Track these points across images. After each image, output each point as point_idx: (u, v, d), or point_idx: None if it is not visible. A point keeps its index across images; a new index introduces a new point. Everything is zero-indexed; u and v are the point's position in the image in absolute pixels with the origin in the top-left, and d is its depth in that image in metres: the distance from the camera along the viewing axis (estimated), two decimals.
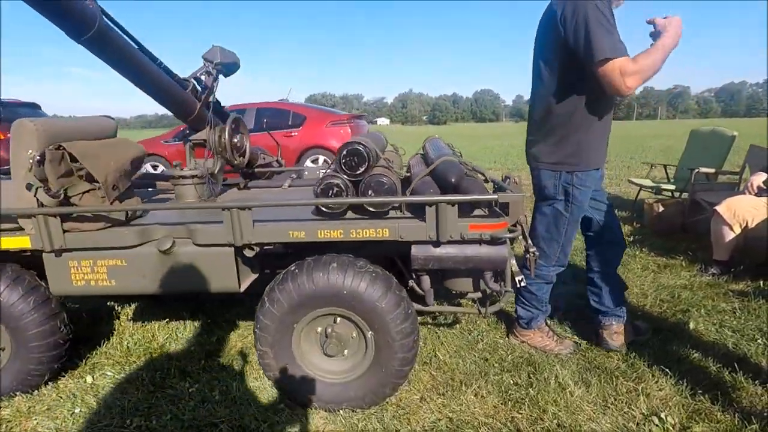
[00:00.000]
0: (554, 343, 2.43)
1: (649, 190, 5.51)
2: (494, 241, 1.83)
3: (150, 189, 3.31)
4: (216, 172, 2.92)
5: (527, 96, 2.53)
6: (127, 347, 2.60)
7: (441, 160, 2.04)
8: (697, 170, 4.66)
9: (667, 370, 2.15)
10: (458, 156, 3.11)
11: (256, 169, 3.64)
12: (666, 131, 28.12)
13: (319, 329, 2.00)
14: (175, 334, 2.74)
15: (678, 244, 4.20)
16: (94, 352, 2.57)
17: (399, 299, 1.90)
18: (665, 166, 5.83)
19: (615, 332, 2.35)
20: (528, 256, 2.05)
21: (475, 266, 1.87)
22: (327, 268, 1.88)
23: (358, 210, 1.96)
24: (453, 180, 1.85)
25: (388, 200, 1.81)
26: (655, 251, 4.02)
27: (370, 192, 1.89)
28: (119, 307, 3.15)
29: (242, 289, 2.05)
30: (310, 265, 1.92)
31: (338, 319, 1.97)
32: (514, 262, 2.05)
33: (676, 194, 5.24)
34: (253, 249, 1.96)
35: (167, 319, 2.90)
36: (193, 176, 2.66)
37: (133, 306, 3.19)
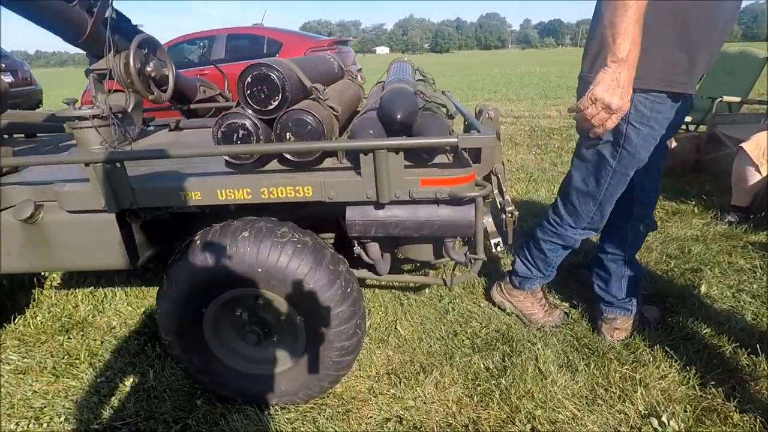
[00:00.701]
0: (543, 313, 2.02)
1: None
2: (457, 200, 1.35)
3: (53, 134, 2.76)
4: (130, 109, 2.39)
5: (535, 20, 1.92)
6: (40, 323, 2.22)
7: (388, 89, 1.51)
8: (720, 99, 4.05)
9: (672, 352, 1.76)
10: (428, 83, 2.55)
11: (196, 105, 3.08)
12: None
13: (239, 312, 1.59)
14: (101, 305, 2.35)
15: (690, 185, 3.71)
16: (3, 330, 2.20)
17: (334, 276, 1.47)
18: None
19: (617, 328, 1.89)
20: (504, 218, 1.58)
21: (432, 233, 1.41)
22: (235, 238, 1.43)
23: (283, 161, 1.46)
24: (399, 116, 1.33)
25: (299, 147, 1.30)
26: (664, 193, 3.54)
27: (288, 135, 1.38)
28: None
29: (139, 264, 1.61)
30: (215, 234, 1.46)
31: (261, 300, 1.55)
32: (489, 220, 1.59)
33: (691, 127, 4.66)
34: (139, 216, 1.50)
35: (93, 287, 2.51)
36: (94, 116, 2.13)
37: None
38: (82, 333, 2.14)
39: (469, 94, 11.31)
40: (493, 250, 1.60)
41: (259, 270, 1.42)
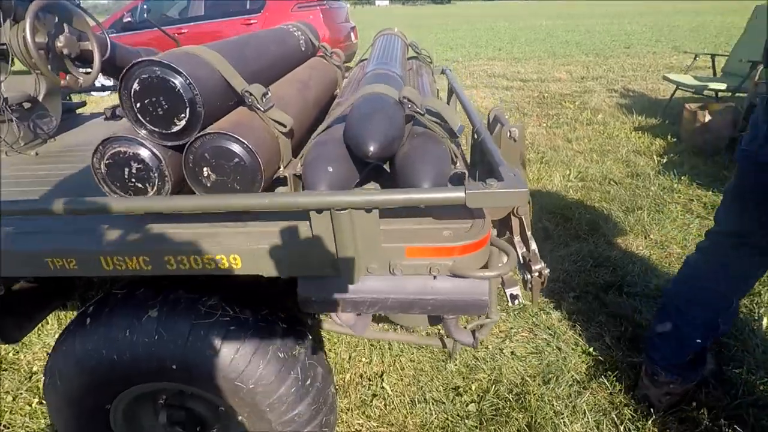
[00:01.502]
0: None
1: (690, 90, 4.32)
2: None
3: None
4: (41, 97, 1.88)
5: None
6: None
7: (361, 96, 1.01)
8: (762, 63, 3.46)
9: (740, 429, 1.35)
10: (424, 62, 2.00)
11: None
12: (692, 5, 24.83)
13: (162, 401, 1.16)
14: (28, 337, 1.94)
15: (727, 169, 3.21)
16: None
17: (287, 367, 1.03)
18: (713, 57, 4.56)
19: (669, 393, 1.43)
20: (530, 278, 1.12)
21: (427, 312, 0.96)
22: (138, 317, 0.98)
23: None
24: (372, 150, 0.84)
25: (202, 204, 0.80)
26: (699, 180, 3.05)
27: (206, 171, 0.90)
28: None
29: (19, 341, 1.17)
30: (111, 308, 1.01)
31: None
32: (512, 256, 1.11)
33: (721, 96, 4.09)
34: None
35: None
36: None
37: None
38: None
39: (472, 52, 10.50)
40: (510, 304, 1.15)
41: (174, 367, 0.98)
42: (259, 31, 1.54)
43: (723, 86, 4.06)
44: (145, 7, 7.35)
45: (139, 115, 0.89)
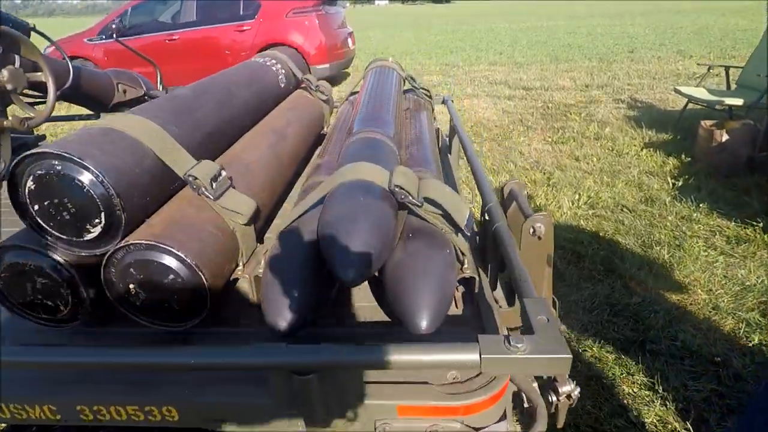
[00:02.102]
0: None
1: (703, 104, 4.10)
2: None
3: None
4: None
5: None
6: None
7: (340, 184, 0.78)
8: None
9: None
10: (420, 96, 1.77)
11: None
12: (691, 4, 24.59)
13: None
14: None
15: (748, 193, 2.99)
16: None
17: None
18: (727, 69, 4.33)
19: None
20: (555, 401, 0.89)
21: None
22: None
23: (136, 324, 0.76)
24: (350, 276, 0.62)
25: (137, 362, 0.58)
26: (719, 208, 2.83)
27: (132, 288, 0.69)
28: None
29: None
30: None
31: None
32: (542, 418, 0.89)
33: (737, 112, 3.88)
34: None
35: None
36: None
37: None
38: None
39: (472, 55, 10.27)
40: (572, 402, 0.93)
41: None
42: (229, 70, 1.31)
43: (739, 101, 3.84)
44: (128, 13, 7.08)
45: (38, 219, 0.67)
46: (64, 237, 0.68)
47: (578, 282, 2.23)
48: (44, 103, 1.94)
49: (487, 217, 0.89)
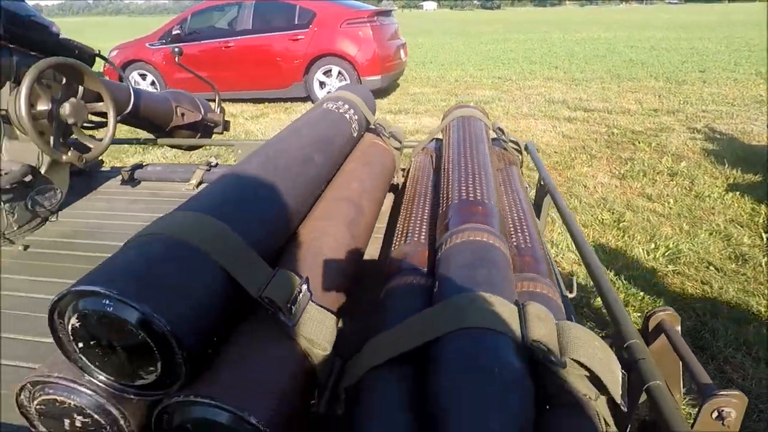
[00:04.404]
0: None
1: None
2: None
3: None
4: (44, 170, 1.60)
5: None
6: None
7: (450, 332, 0.60)
8: None
9: None
10: (510, 149, 1.56)
11: (164, 142, 2.27)
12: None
13: None
14: None
15: None
16: None
17: None
18: None
19: None
20: None
21: None
22: None
23: None
24: None
25: None
26: None
27: None
28: None
29: None
30: None
31: None
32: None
33: None
34: None
35: None
36: None
37: None
38: None
39: (526, 69, 9.90)
40: None
41: None
42: (302, 123, 1.15)
43: None
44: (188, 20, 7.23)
45: (83, 358, 0.54)
46: (111, 380, 0.55)
47: None
48: (104, 126, 1.89)
49: (626, 356, 0.68)
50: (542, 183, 1.46)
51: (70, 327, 0.54)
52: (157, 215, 0.68)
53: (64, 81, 1.54)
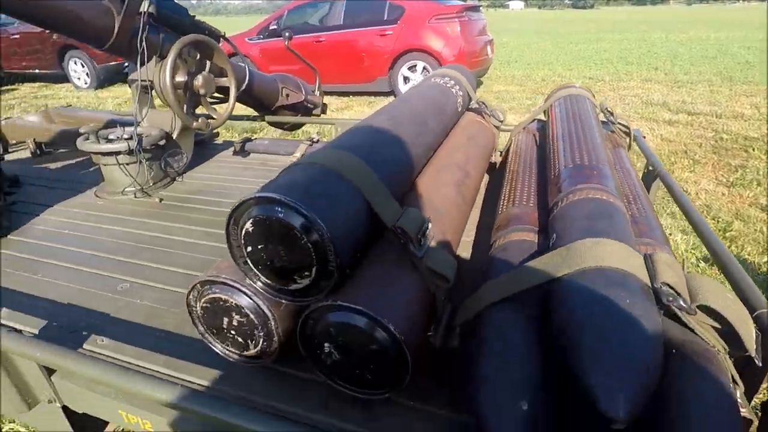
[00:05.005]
0: None
1: None
2: None
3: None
4: (176, 135, 1.80)
5: None
6: None
7: (574, 271, 0.61)
8: None
9: None
10: (618, 130, 1.51)
11: (272, 119, 2.45)
12: None
13: None
14: None
15: None
16: None
17: None
18: None
19: None
20: None
21: None
22: None
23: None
24: (620, 414, 0.45)
25: None
26: None
27: (327, 348, 0.62)
28: None
29: None
30: None
31: None
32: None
33: None
34: None
35: None
36: (118, 152, 1.60)
37: None
38: None
39: (621, 69, 9.28)
40: None
41: None
42: (417, 91, 1.21)
43: None
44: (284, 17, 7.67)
45: (249, 262, 0.63)
46: (270, 283, 0.64)
47: None
48: (221, 103, 2.09)
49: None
50: (650, 168, 1.40)
51: (243, 232, 0.63)
52: (266, 181, 0.77)
53: (198, 56, 1.73)
